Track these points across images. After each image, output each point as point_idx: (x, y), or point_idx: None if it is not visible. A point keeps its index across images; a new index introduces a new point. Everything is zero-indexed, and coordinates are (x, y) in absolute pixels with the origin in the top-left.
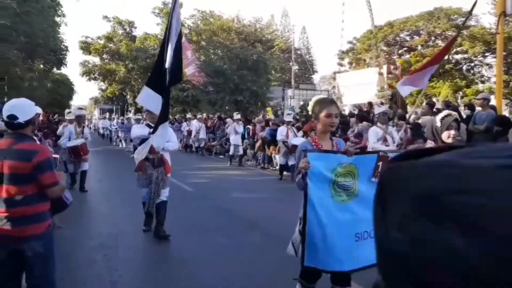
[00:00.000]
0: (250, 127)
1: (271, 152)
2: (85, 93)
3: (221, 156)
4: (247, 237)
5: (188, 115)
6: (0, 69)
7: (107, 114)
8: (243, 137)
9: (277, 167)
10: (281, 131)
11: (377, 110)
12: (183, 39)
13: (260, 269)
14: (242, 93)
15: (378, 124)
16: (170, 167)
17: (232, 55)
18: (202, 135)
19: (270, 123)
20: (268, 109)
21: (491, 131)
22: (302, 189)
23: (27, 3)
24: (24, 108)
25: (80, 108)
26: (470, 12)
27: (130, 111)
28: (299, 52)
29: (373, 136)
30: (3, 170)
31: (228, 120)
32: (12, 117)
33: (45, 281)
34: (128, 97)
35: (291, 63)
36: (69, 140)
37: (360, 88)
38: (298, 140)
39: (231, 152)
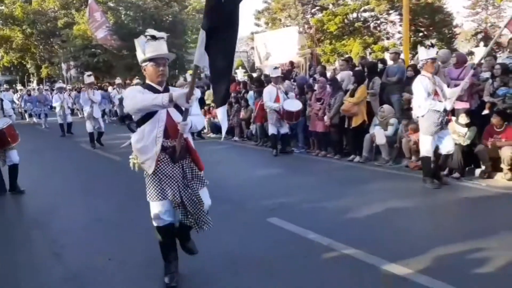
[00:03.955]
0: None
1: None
2: None
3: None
4: None
5: (117, 81)
6: None
7: (6, 86)
8: None
9: (205, 130)
10: (270, 93)
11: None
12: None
13: None
14: None
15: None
16: (200, 158)
17: (146, 16)
18: None
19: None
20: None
21: (402, 82)
22: None
23: None
24: None
25: None
26: None
27: (32, 81)
28: None
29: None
30: None
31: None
32: None
33: None
34: (29, 66)
35: None
36: None
37: (280, 47)
38: (293, 103)
39: None
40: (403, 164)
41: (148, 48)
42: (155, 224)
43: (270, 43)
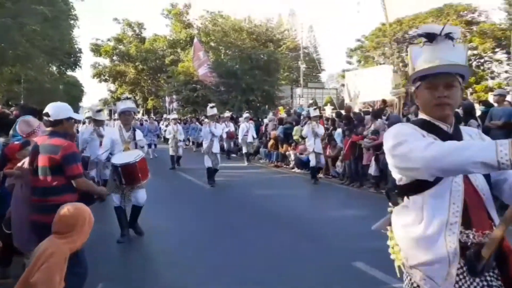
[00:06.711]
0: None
1: (285, 150)
2: (94, 95)
3: (234, 155)
4: (275, 233)
5: (226, 114)
6: (23, 71)
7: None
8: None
9: (291, 165)
10: None
11: None
12: (195, 40)
13: (290, 265)
14: (254, 92)
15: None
16: None
17: (244, 55)
18: (251, 138)
19: (284, 121)
20: (280, 108)
21: (509, 126)
22: None
23: (55, 8)
24: (56, 109)
25: (127, 98)
26: None
27: (138, 112)
28: (306, 51)
29: None
30: (38, 163)
31: (241, 119)
32: (46, 114)
33: (78, 263)
34: (138, 97)
35: (299, 62)
36: (111, 153)
37: (372, 85)
38: None
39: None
40: None
41: (422, 56)
42: None
43: (362, 81)
